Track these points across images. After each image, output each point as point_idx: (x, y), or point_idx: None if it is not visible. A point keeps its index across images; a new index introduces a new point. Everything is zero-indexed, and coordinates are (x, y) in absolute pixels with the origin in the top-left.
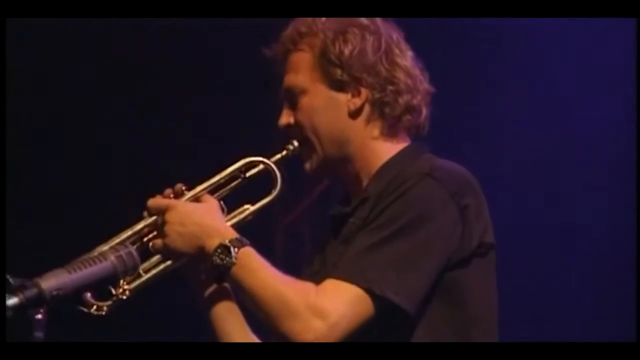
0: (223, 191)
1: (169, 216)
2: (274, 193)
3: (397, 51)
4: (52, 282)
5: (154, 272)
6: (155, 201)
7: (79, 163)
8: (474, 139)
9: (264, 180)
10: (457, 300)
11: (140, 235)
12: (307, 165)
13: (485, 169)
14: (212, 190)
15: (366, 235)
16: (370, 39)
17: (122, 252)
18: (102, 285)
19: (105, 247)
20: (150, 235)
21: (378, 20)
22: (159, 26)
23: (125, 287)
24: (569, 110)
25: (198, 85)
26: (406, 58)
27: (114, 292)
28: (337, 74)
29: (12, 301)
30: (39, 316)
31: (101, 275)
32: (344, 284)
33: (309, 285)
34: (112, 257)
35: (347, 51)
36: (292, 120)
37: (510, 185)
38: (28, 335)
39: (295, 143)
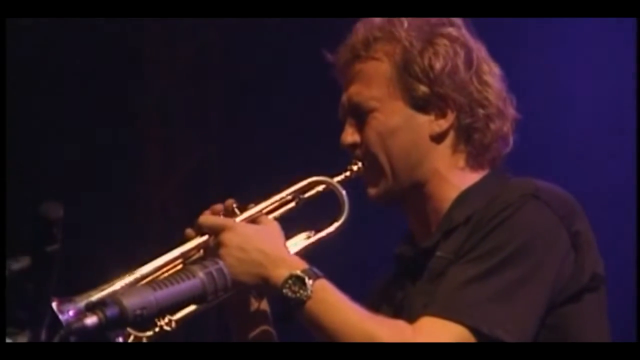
0: (278, 213)
1: (226, 238)
2: (342, 218)
3: (486, 68)
4: (135, 299)
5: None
6: (209, 219)
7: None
8: None
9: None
10: (566, 340)
11: (187, 257)
12: (373, 192)
13: None
14: (267, 212)
15: (465, 266)
16: (461, 52)
17: (212, 269)
18: (187, 306)
19: (149, 268)
20: (196, 257)
21: (461, 25)
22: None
23: (172, 317)
24: (568, 110)
25: None
26: (495, 77)
27: (157, 322)
28: (421, 90)
29: (90, 321)
30: (120, 339)
31: (189, 295)
32: (444, 322)
33: (401, 324)
34: (200, 274)
35: (438, 66)
36: (357, 138)
37: None
38: None
39: (360, 164)
